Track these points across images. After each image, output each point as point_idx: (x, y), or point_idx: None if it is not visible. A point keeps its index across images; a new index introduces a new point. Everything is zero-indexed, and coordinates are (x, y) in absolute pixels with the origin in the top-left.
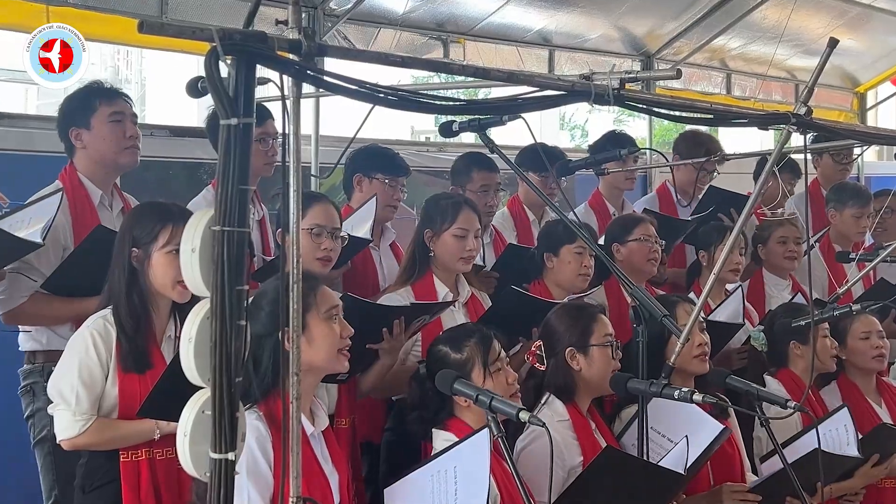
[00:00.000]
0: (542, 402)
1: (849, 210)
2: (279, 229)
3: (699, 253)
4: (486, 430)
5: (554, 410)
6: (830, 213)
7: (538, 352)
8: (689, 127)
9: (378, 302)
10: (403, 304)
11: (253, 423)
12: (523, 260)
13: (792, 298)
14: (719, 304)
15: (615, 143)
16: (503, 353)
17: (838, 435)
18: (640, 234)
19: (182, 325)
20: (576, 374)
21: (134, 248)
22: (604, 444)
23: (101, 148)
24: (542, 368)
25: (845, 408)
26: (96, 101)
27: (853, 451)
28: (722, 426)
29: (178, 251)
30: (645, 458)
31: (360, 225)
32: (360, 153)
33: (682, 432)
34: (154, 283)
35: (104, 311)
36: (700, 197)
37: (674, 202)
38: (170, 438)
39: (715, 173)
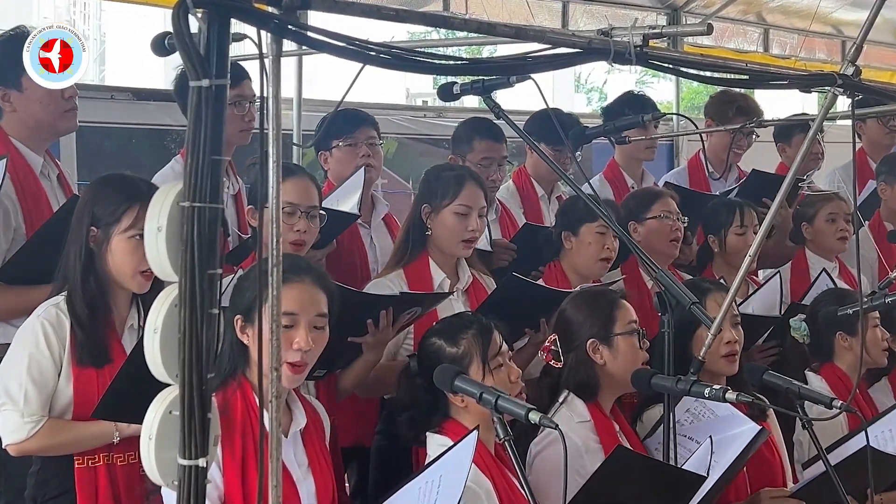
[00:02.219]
0: (560, 400)
1: None
2: (250, 207)
3: (708, 237)
4: (472, 435)
5: (574, 410)
6: (881, 188)
7: (553, 347)
8: (721, 89)
9: (366, 289)
10: (392, 294)
11: None
12: (539, 240)
13: (832, 283)
14: (752, 293)
15: (634, 107)
16: (505, 347)
17: (892, 437)
18: (660, 210)
19: (146, 313)
20: (599, 368)
21: (93, 227)
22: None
23: (35, 111)
24: (559, 366)
25: None
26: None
27: None
28: (759, 427)
29: (142, 237)
30: (672, 463)
31: (346, 198)
32: (317, 129)
33: (714, 435)
34: (112, 269)
35: (56, 299)
36: (735, 169)
37: (705, 176)
38: (131, 441)
39: (753, 136)
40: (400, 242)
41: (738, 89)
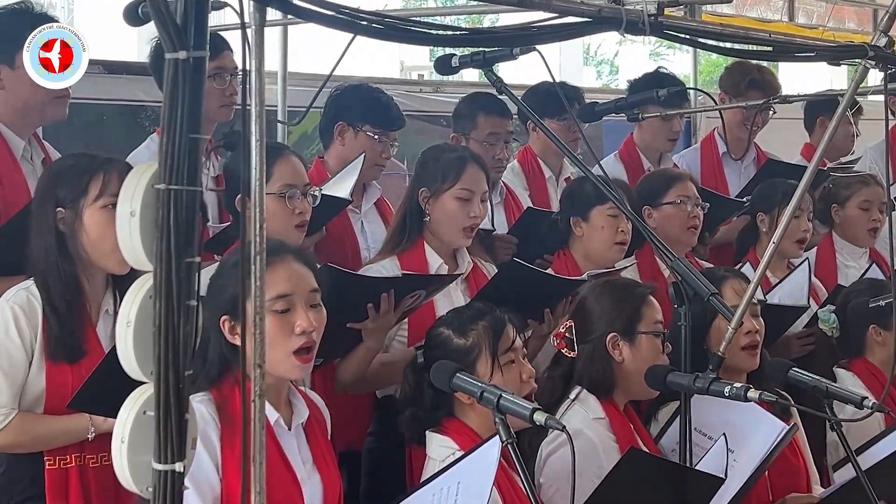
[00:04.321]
0: (572, 397)
1: None
2: (238, 196)
3: (758, 216)
4: (495, 440)
5: (587, 407)
6: None
7: (567, 335)
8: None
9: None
10: (394, 276)
11: (195, 407)
12: (543, 226)
13: (866, 271)
14: (779, 282)
15: (657, 85)
16: (518, 343)
17: None
18: (678, 195)
19: (122, 297)
20: (616, 365)
21: (59, 209)
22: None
23: (24, 92)
24: (572, 355)
25: None
26: (27, 32)
27: None
28: (785, 425)
29: (115, 205)
30: (687, 464)
31: (340, 183)
32: (347, 95)
33: (734, 434)
34: (89, 248)
35: (26, 282)
36: (753, 149)
37: (719, 158)
38: (105, 440)
39: (770, 113)
40: (395, 228)
41: (753, 60)
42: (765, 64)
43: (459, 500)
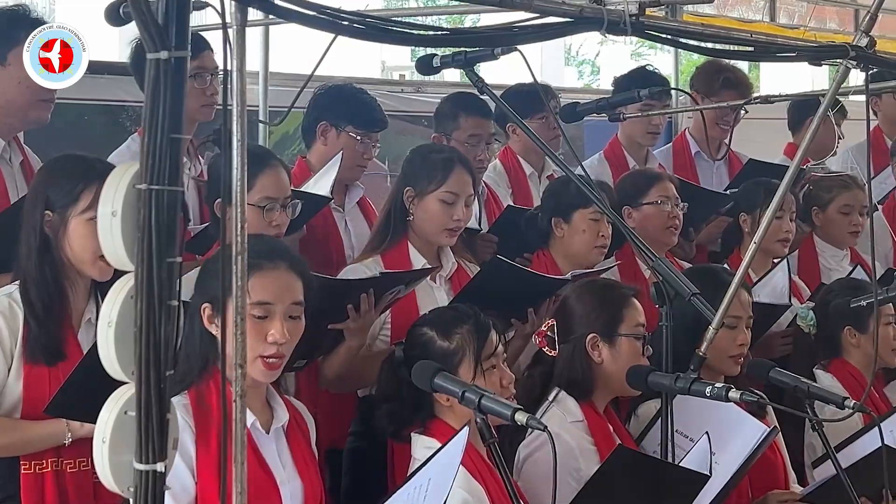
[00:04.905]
0: (551, 399)
1: None
2: (217, 200)
3: (740, 216)
4: (462, 434)
5: (566, 409)
6: None
7: (549, 333)
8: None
9: (341, 275)
10: (371, 276)
11: None
12: (523, 223)
13: (850, 273)
14: (758, 280)
15: (641, 83)
16: (500, 349)
17: None
18: (658, 195)
19: None
20: (596, 367)
21: (48, 212)
22: None
23: (10, 91)
24: (553, 354)
25: None
26: (21, 31)
27: None
28: (766, 427)
29: None
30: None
31: (319, 182)
32: (330, 94)
33: (715, 436)
34: (71, 256)
35: (8, 288)
36: (726, 149)
37: (692, 157)
38: (83, 445)
39: (742, 112)
40: (379, 227)
41: (726, 60)
42: (745, 64)
43: (429, 496)
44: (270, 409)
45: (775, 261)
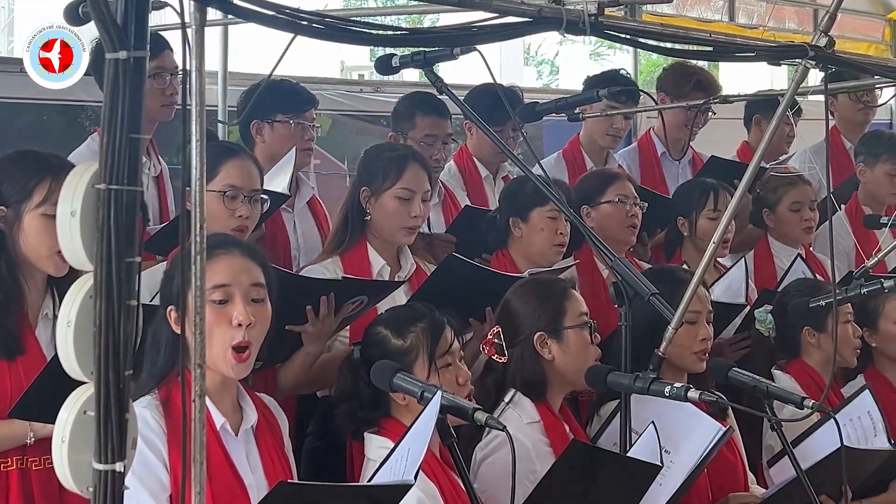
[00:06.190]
0: (507, 400)
1: (882, 165)
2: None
3: (678, 219)
4: (436, 399)
5: (521, 410)
6: (859, 169)
7: (496, 340)
8: (676, 60)
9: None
10: (334, 278)
11: (139, 412)
12: (482, 225)
13: (791, 265)
14: (716, 280)
15: (609, 85)
16: (456, 346)
17: (862, 426)
18: (616, 194)
19: (62, 300)
20: (547, 364)
21: (2, 207)
22: None
23: None
24: (503, 360)
25: (867, 390)
26: None
27: (883, 443)
28: (722, 427)
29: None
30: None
31: (275, 177)
32: (251, 94)
33: (673, 435)
34: (26, 251)
35: None
36: (689, 151)
37: (657, 158)
38: (48, 443)
39: (710, 114)
40: (337, 228)
41: (695, 62)
42: (705, 64)
43: (409, 460)
44: (240, 410)
45: (720, 260)
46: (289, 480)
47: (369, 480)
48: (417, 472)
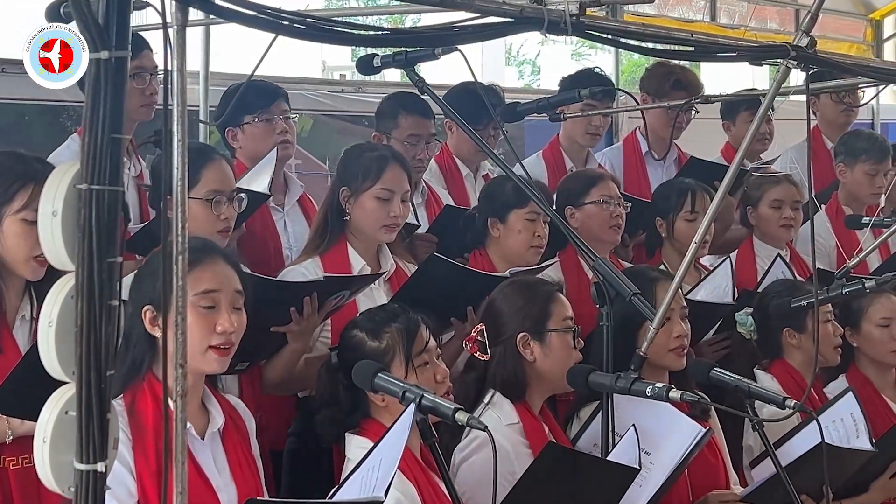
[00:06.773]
0: (486, 401)
1: (862, 165)
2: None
3: (656, 220)
4: (409, 411)
5: (501, 412)
6: (839, 169)
7: (480, 338)
8: (658, 60)
9: (280, 277)
10: (316, 279)
11: None
12: (461, 223)
13: (771, 264)
14: (701, 280)
15: (585, 84)
16: (432, 344)
17: (844, 427)
18: (600, 194)
19: (39, 302)
20: (528, 365)
21: None
22: None
23: None
24: (485, 359)
25: (850, 392)
26: None
27: (865, 444)
28: (702, 428)
29: (35, 221)
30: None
31: (256, 177)
32: (222, 104)
33: (653, 436)
34: (3, 254)
35: None
36: (674, 149)
37: (642, 157)
38: (26, 442)
39: (693, 113)
40: (317, 228)
41: (675, 61)
42: (686, 64)
43: (380, 475)
44: (206, 412)
45: (704, 262)
46: (259, 497)
47: (339, 487)
48: (388, 488)
